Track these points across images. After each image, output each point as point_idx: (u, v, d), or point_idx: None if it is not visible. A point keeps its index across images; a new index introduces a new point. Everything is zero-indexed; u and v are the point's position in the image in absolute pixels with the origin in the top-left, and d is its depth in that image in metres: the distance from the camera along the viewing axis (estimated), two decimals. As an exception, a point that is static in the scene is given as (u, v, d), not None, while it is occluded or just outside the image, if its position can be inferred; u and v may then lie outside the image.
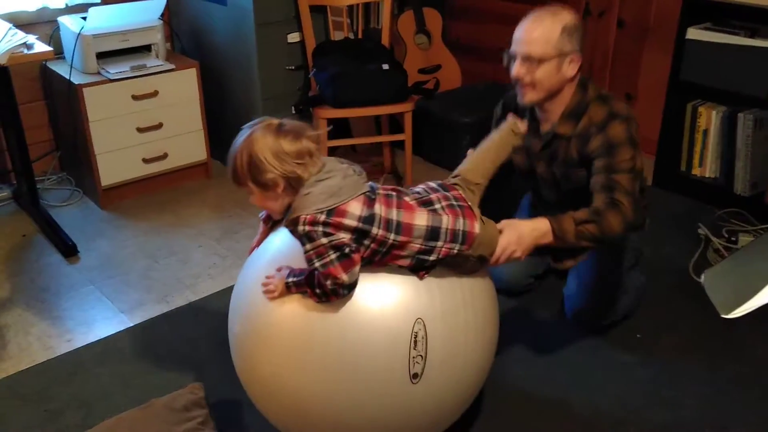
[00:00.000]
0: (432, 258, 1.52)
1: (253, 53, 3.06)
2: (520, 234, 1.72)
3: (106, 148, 2.99)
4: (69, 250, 2.72)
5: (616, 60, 3.54)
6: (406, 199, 1.56)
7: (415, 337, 1.49)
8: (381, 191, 1.55)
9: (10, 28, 2.63)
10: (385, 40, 3.25)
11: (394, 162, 3.40)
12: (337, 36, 3.26)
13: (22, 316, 2.37)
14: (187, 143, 3.22)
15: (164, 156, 3.16)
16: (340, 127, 3.31)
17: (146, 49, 3.11)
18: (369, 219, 1.48)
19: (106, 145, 2.99)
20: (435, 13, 3.57)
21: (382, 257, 1.51)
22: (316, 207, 1.46)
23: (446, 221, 1.53)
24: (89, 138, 2.94)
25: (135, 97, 3.00)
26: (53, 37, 3.10)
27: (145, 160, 3.11)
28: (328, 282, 1.45)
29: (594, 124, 1.95)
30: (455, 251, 1.54)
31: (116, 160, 3.04)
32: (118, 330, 2.30)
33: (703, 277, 2.31)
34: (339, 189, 1.48)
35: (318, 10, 3.14)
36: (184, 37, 3.46)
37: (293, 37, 3.16)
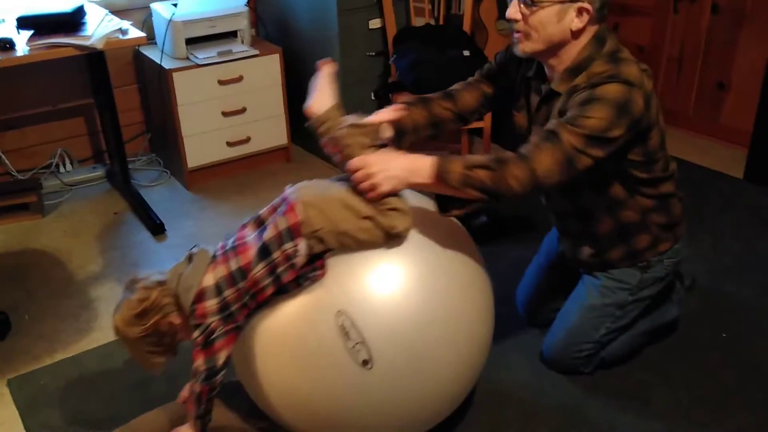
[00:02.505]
0: (280, 269, 1.49)
1: (335, 39, 3.09)
2: (389, 159, 1.51)
3: (192, 131, 3.10)
4: (157, 229, 2.84)
5: (709, 47, 3.39)
6: (243, 234, 1.57)
7: (344, 328, 1.48)
8: (219, 251, 1.56)
9: (106, 14, 2.75)
10: (467, 26, 3.22)
11: (471, 150, 3.37)
12: (418, 22, 3.25)
13: (113, 289, 2.49)
14: (269, 128, 3.29)
15: (247, 140, 3.24)
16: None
17: (232, 35, 3.19)
18: (218, 287, 1.51)
19: (193, 128, 3.09)
20: (518, -1, 3.51)
21: (254, 302, 1.52)
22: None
23: (269, 233, 1.51)
24: (177, 121, 3.04)
25: (221, 82, 3.08)
26: (146, 23, 3.22)
27: (229, 144, 3.20)
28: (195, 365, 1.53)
29: (590, 79, 1.63)
30: (292, 249, 1.48)
31: (202, 142, 3.14)
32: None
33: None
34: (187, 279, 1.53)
35: (400, -4, 3.14)
36: (268, 22, 3.53)
37: (374, 23, 3.17)
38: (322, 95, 1.68)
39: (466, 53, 2.98)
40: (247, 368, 1.62)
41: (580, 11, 1.62)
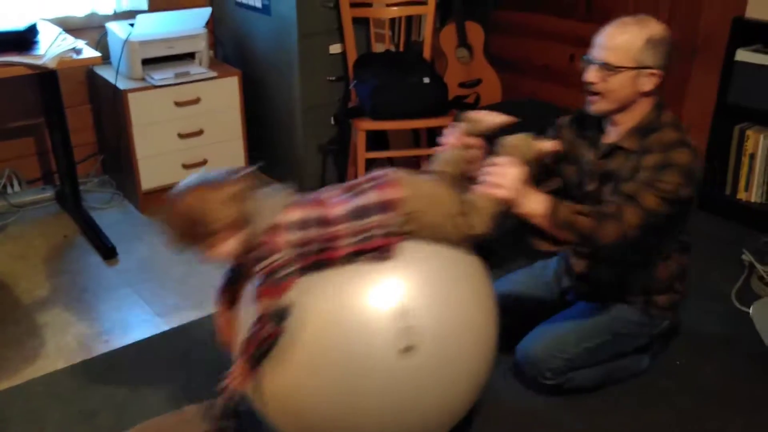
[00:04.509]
0: (369, 233, 1.53)
1: (295, 63, 3.08)
2: (522, 181, 1.69)
3: (147, 153, 3.04)
4: (108, 252, 2.76)
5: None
6: (329, 195, 1.60)
7: (404, 308, 1.52)
8: (305, 198, 1.58)
9: (60, 33, 2.69)
10: (427, 53, 3.25)
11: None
12: (378, 48, 3.27)
13: (60, 315, 2.40)
14: (227, 151, 3.25)
15: (204, 162, 3.19)
16: (378, 139, 3.32)
17: (190, 56, 3.16)
18: (294, 226, 1.51)
19: (147, 149, 3.03)
20: (477, 27, 3.56)
21: (325, 255, 1.53)
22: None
23: (368, 197, 1.56)
24: (132, 142, 2.98)
25: (177, 104, 3.04)
26: (100, 43, 3.16)
27: (185, 166, 3.15)
28: (257, 308, 1.49)
29: (662, 143, 1.80)
30: (389, 219, 1.54)
31: (157, 164, 3.08)
32: (154, 333, 2.32)
33: (752, 309, 2.26)
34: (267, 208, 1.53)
35: (360, 22, 3.15)
36: (227, 45, 3.50)
37: (335, 48, 3.17)
38: (489, 114, 1.87)
39: (426, 80, 3.00)
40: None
41: (650, 76, 1.81)
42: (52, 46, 2.55)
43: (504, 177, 1.67)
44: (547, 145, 1.82)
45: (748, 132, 2.97)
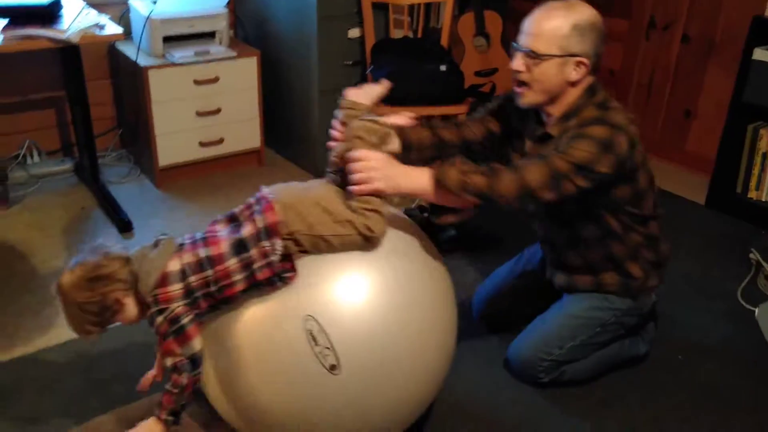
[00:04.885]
0: (257, 265, 1.50)
1: (314, 46, 3.10)
2: (390, 162, 1.60)
3: (165, 130, 3.08)
4: (124, 226, 2.82)
5: (678, 75, 3.49)
6: (214, 229, 1.58)
7: (311, 333, 1.50)
8: (188, 240, 1.57)
9: (84, 7, 2.72)
10: (444, 40, 3.26)
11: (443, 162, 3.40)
12: (396, 34, 3.29)
13: (76, 286, 2.46)
14: (243, 130, 3.29)
15: (220, 141, 3.23)
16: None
17: (210, 35, 3.18)
18: (183, 272, 1.51)
19: (165, 126, 3.07)
20: (496, 16, 3.57)
21: (220, 294, 1.52)
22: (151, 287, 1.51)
23: (247, 229, 1.53)
24: (151, 119, 3.02)
25: (197, 82, 3.07)
26: (123, 18, 3.19)
27: (202, 144, 3.19)
28: (167, 361, 1.52)
29: (580, 122, 1.75)
30: (270, 246, 1.50)
31: (174, 141, 3.12)
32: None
33: (757, 311, 2.28)
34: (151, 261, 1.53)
35: (380, 8, 3.17)
36: (247, 25, 3.53)
37: (353, 33, 3.19)
38: (366, 92, 1.77)
39: (443, 68, 3.02)
40: (210, 372, 1.62)
41: (578, 64, 1.74)
42: (75, 20, 2.58)
43: (369, 169, 1.57)
44: (397, 119, 1.71)
45: (762, 131, 2.97)
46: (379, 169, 1.57)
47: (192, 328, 1.52)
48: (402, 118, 1.74)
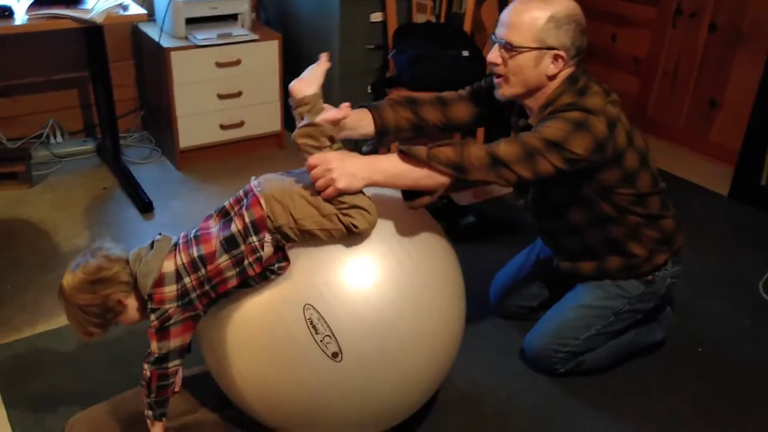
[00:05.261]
0: (246, 261, 1.50)
1: (335, 29, 3.09)
2: (347, 157, 1.52)
3: (187, 112, 3.09)
4: (145, 207, 2.84)
5: (704, 64, 3.44)
6: (206, 225, 1.57)
7: (311, 322, 1.50)
8: (181, 239, 1.56)
9: (108, -11, 2.73)
10: (467, 25, 3.23)
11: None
12: (419, 18, 3.26)
13: (97, 265, 2.48)
14: (264, 113, 3.29)
15: (241, 124, 3.24)
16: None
17: (233, 17, 3.18)
18: (178, 273, 1.51)
19: (187, 108, 3.08)
20: (520, 2, 3.53)
21: (215, 292, 1.52)
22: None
23: (235, 225, 1.52)
24: (172, 100, 3.04)
25: (218, 64, 3.08)
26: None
27: (223, 126, 3.20)
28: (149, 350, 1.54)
29: (555, 109, 1.71)
30: (258, 242, 1.49)
31: (195, 123, 3.14)
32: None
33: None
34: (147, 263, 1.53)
35: (403, -8, 3.15)
36: (269, 8, 3.52)
37: (376, 17, 3.17)
38: (310, 80, 1.69)
39: (466, 53, 2.99)
40: (217, 360, 1.62)
41: (555, 58, 1.70)
42: (99, 0, 2.59)
43: (326, 172, 1.50)
44: (332, 114, 1.61)
45: (790, 123, 2.92)
46: (335, 169, 1.49)
47: (176, 329, 1.52)
48: (336, 112, 1.62)
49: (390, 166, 1.56)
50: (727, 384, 2.07)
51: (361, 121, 1.81)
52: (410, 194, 1.61)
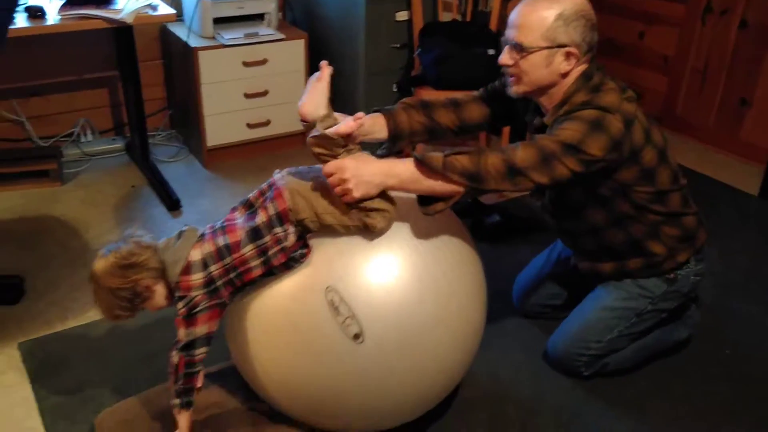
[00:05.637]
0: (271, 252, 1.54)
1: (361, 28, 3.10)
2: (362, 164, 1.52)
3: (214, 111, 3.12)
4: (173, 204, 2.88)
5: (734, 62, 3.38)
6: (232, 217, 1.61)
7: (333, 304, 1.51)
8: (208, 230, 1.60)
9: (137, -11, 2.77)
10: (493, 24, 3.22)
11: (489, 147, 3.38)
12: (445, 17, 3.26)
13: (126, 261, 2.52)
14: (290, 112, 3.31)
15: (267, 123, 3.27)
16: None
17: (260, 17, 3.21)
18: (204, 262, 1.55)
19: (214, 107, 3.12)
20: (547, 0, 3.50)
21: (240, 280, 1.56)
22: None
23: (260, 217, 1.56)
24: (200, 99, 3.07)
25: (245, 64, 3.11)
26: (175, 0, 3.24)
27: (249, 125, 3.23)
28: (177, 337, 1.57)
29: (570, 108, 1.70)
30: (283, 233, 1.54)
31: (223, 122, 3.17)
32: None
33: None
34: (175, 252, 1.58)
35: (429, -10, 3.15)
36: (295, 7, 3.54)
37: (401, 15, 3.18)
38: (315, 97, 1.67)
39: (491, 52, 2.98)
40: (240, 346, 1.65)
41: (567, 55, 1.69)
42: (129, 1, 2.63)
43: (342, 182, 1.52)
44: (343, 128, 1.57)
45: (823, 121, 2.87)
46: (350, 179, 1.51)
47: (203, 316, 1.56)
48: (348, 125, 1.58)
49: (405, 171, 1.57)
50: (756, 385, 2.04)
51: (375, 126, 1.82)
52: (425, 199, 1.62)
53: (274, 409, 1.74)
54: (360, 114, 1.61)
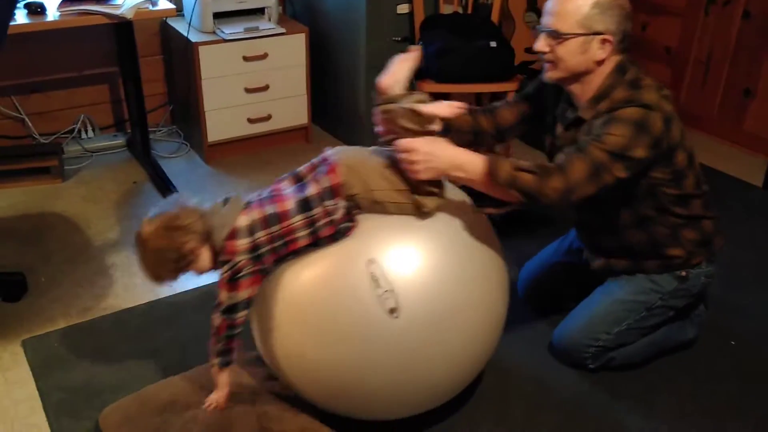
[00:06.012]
0: (319, 224, 1.57)
1: (362, 22, 3.09)
2: (436, 149, 1.58)
3: (215, 106, 3.11)
4: (175, 200, 2.86)
5: (738, 53, 3.36)
6: (279, 187, 1.65)
7: (374, 276, 1.54)
8: (255, 198, 1.64)
9: (137, -16, 2.75)
10: (495, 16, 3.21)
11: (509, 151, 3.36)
12: (446, 9, 3.24)
13: (129, 257, 2.52)
14: (291, 107, 3.30)
15: (268, 117, 3.25)
16: (441, 102, 3.31)
17: (260, 11, 3.19)
18: (250, 228, 1.58)
19: (215, 102, 3.10)
20: (548, -8, 3.49)
21: (285, 249, 1.59)
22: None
23: (311, 189, 1.59)
24: (200, 94, 3.06)
25: (246, 58, 3.09)
26: (174, -5, 3.23)
27: (250, 120, 3.22)
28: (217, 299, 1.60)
29: (611, 104, 1.73)
30: (333, 206, 1.57)
31: (223, 117, 3.15)
32: (215, 280, 2.40)
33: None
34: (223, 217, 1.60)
35: (430, -17, 3.13)
36: (296, 1, 3.53)
37: (402, 8, 3.16)
38: (397, 74, 1.75)
39: (493, 44, 2.97)
40: (265, 325, 1.65)
41: (603, 42, 1.72)
42: (129, -3, 2.62)
43: (413, 162, 1.57)
44: (442, 109, 1.65)
45: (827, 111, 2.85)
46: (422, 161, 1.57)
47: (246, 281, 1.58)
48: (447, 108, 1.66)
49: (473, 170, 1.63)
50: (762, 380, 2.04)
51: None
52: (480, 196, 1.68)
53: (291, 389, 1.73)
54: (461, 103, 1.71)
